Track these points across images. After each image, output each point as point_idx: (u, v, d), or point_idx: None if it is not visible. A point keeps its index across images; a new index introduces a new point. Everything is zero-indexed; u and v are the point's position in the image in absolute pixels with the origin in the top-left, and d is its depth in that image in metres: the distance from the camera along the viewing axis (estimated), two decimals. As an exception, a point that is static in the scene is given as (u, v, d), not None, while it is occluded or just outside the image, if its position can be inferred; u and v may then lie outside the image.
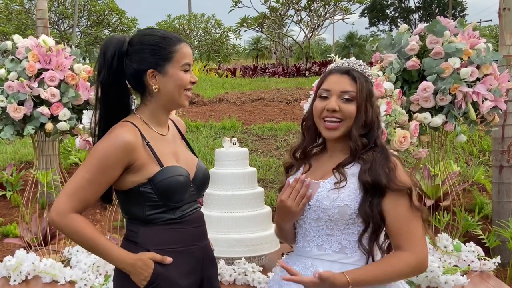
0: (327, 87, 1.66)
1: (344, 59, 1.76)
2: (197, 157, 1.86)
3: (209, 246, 1.85)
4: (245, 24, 20.50)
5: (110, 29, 26.46)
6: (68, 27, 24.92)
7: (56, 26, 24.94)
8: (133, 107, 1.77)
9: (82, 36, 25.99)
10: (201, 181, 1.79)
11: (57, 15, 24.55)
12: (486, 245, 4.07)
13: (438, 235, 3.59)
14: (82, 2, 24.18)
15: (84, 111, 3.12)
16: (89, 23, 25.80)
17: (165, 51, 1.65)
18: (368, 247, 1.58)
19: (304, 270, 1.62)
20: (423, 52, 3.24)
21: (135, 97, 1.78)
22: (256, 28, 21.06)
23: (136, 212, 1.67)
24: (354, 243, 1.60)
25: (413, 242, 1.56)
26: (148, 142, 1.65)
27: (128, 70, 1.67)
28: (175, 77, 1.66)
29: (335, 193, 1.58)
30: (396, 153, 1.73)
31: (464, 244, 3.53)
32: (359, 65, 1.69)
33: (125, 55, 1.67)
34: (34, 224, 4.34)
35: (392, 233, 1.58)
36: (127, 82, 1.71)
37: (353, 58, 1.76)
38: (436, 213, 3.93)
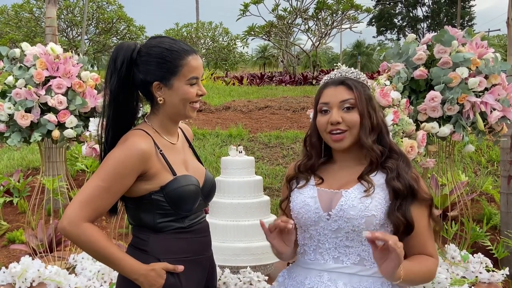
0: (326, 100, 1.65)
1: (336, 70, 1.75)
2: (203, 165, 1.86)
3: (213, 256, 1.85)
4: (252, 33, 20.56)
5: (118, 37, 26.63)
6: (76, 35, 25.12)
7: (65, 34, 25.16)
8: (139, 115, 1.78)
9: (91, 43, 26.19)
10: (209, 191, 1.80)
11: (66, 22, 24.76)
12: (494, 256, 4.02)
13: (446, 245, 3.55)
14: (91, 10, 24.39)
15: (91, 119, 3.13)
16: (97, 30, 26.00)
17: (171, 64, 1.64)
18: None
19: (319, 284, 1.58)
20: (430, 62, 3.23)
21: (142, 105, 1.78)
22: (263, 37, 21.11)
23: (146, 220, 1.67)
24: None
25: (434, 250, 1.61)
26: (161, 151, 1.65)
27: (136, 79, 1.67)
28: (181, 91, 1.65)
29: (365, 201, 1.55)
30: None
31: (472, 255, 3.49)
32: (351, 73, 1.68)
33: (134, 64, 1.66)
34: (41, 231, 4.36)
35: (416, 240, 1.58)
36: (136, 89, 1.71)
37: (343, 67, 1.77)
38: (444, 223, 3.89)
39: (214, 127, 8.56)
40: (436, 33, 3.25)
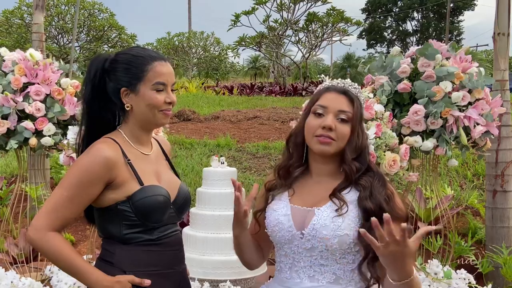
0: (324, 103, 1.59)
1: (340, 79, 1.70)
2: (180, 179, 1.82)
3: (186, 270, 1.80)
4: (243, 43, 20.66)
5: (109, 45, 26.61)
6: (67, 42, 25.05)
7: (56, 41, 25.07)
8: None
9: (81, 51, 26.11)
10: (182, 204, 1.75)
11: (57, 29, 24.70)
12: (479, 270, 3.99)
13: (429, 261, 3.52)
14: (82, 18, 24.36)
15: (69, 127, 3.06)
16: (88, 38, 25.95)
17: (137, 69, 1.62)
18: (373, 274, 1.50)
19: None
20: (414, 75, 3.22)
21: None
22: (254, 47, 21.20)
23: (112, 231, 1.63)
24: (349, 272, 1.53)
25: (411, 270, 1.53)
26: (129, 160, 1.61)
27: (108, 88, 1.67)
28: (146, 97, 1.63)
29: (337, 221, 1.50)
30: (386, 178, 1.67)
31: (455, 271, 3.46)
32: (354, 88, 1.64)
33: (106, 73, 1.67)
34: (22, 239, 4.27)
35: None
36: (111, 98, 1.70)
37: (348, 80, 1.70)
38: (429, 236, 3.86)
39: (202, 136, 8.51)
40: (420, 47, 3.24)
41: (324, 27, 20.34)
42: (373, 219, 1.32)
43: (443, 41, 3.41)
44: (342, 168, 1.59)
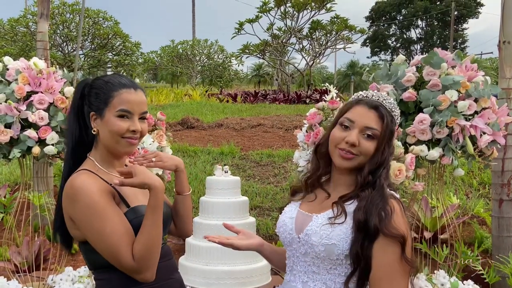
0: (352, 117, 1.55)
1: (376, 91, 1.62)
2: None
3: (181, 277, 1.81)
4: (247, 51, 20.70)
5: (113, 53, 26.72)
6: (72, 50, 25.16)
7: (61, 49, 25.21)
8: None
9: (86, 58, 26.24)
10: (165, 221, 1.72)
11: (62, 37, 24.84)
12: (486, 280, 3.94)
13: (435, 271, 3.47)
14: (87, 26, 24.49)
15: (73, 136, 3.05)
16: (93, 46, 26.08)
17: (105, 95, 1.64)
18: None
19: None
20: (420, 84, 3.19)
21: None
22: (258, 55, 21.24)
23: (102, 261, 1.58)
24: (340, 285, 1.50)
25: None
26: (111, 184, 1.60)
27: (84, 111, 1.70)
28: (110, 122, 1.63)
29: (327, 229, 1.49)
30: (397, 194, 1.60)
31: (462, 282, 3.41)
32: (388, 102, 1.57)
33: (83, 97, 1.70)
34: (26, 248, 4.25)
35: (371, 281, 1.46)
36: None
37: (384, 93, 1.62)
38: (435, 246, 3.82)
39: (206, 144, 8.50)
40: (425, 55, 3.22)
41: (328, 35, 20.37)
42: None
43: (447, 49, 3.39)
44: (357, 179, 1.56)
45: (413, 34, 44.19)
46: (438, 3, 41.28)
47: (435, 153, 3.07)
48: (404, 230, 1.45)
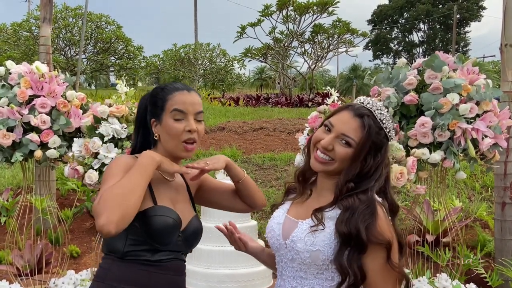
0: (333, 122, 1.54)
1: (372, 99, 1.58)
2: (196, 212, 1.83)
3: None
4: (249, 54, 20.74)
5: (116, 56, 26.81)
6: (74, 54, 25.27)
7: (63, 53, 25.31)
8: None
9: (88, 62, 26.33)
10: (191, 235, 1.73)
11: (65, 41, 24.94)
12: (488, 284, 3.93)
13: (438, 275, 3.46)
14: (90, 30, 24.59)
15: (74, 139, 3.06)
16: (95, 50, 26.17)
17: (161, 101, 1.69)
18: None
19: None
20: (421, 87, 3.19)
21: None
22: (260, 59, 21.28)
23: (117, 245, 1.62)
24: None
25: None
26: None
27: (147, 120, 1.77)
28: (167, 126, 1.68)
29: (310, 236, 1.49)
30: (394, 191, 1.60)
31: (465, 285, 3.40)
32: (380, 113, 1.53)
33: (146, 107, 1.77)
34: (28, 251, 4.26)
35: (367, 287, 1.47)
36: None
37: (380, 103, 1.58)
38: (437, 249, 3.81)
39: (208, 147, 8.51)
40: (427, 58, 3.22)
41: (330, 39, 20.40)
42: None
43: (449, 52, 3.39)
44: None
45: (415, 37, 44.26)
46: (440, 6, 41.31)
47: (437, 156, 3.06)
48: (389, 234, 1.45)
